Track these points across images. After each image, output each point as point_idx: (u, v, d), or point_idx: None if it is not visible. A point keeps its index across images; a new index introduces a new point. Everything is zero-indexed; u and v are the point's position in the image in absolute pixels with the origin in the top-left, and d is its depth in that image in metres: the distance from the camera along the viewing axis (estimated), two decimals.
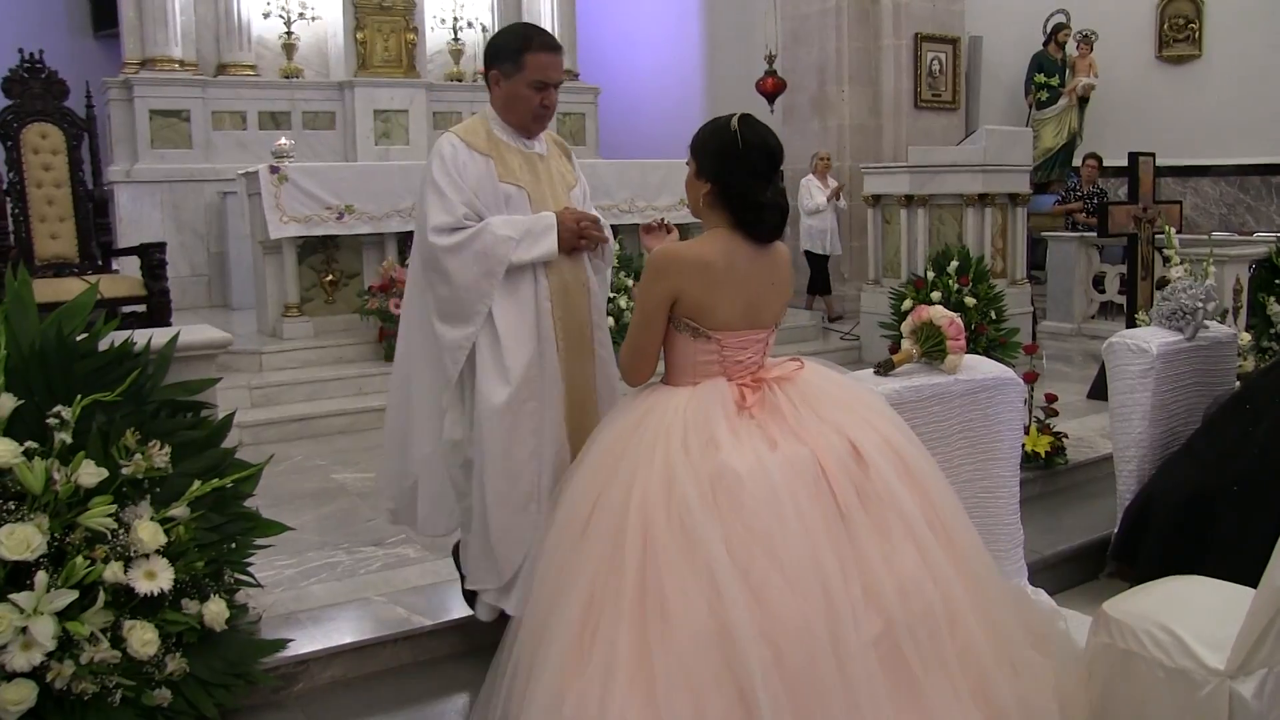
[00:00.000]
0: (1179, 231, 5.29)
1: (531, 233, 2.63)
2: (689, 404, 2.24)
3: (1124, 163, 6.07)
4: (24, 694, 2.25)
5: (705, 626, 1.96)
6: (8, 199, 5.49)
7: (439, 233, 2.60)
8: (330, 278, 6.37)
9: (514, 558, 2.65)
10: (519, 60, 2.67)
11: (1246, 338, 4.61)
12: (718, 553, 2.00)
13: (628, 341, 2.38)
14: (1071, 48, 10.20)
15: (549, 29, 10.03)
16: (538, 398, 2.66)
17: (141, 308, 5.56)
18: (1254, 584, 2.18)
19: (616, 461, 2.21)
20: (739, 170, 2.26)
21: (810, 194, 8.16)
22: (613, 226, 2.80)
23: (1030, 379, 4.29)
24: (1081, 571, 3.83)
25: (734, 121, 2.28)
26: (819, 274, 8.37)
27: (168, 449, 2.58)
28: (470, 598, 2.89)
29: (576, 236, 2.68)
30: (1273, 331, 5.78)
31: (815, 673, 1.95)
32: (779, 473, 2.11)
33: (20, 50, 5.58)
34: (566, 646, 2.02)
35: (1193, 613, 2.37)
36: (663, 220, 2.68)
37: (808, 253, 8.29)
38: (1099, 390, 5.36)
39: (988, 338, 5.66)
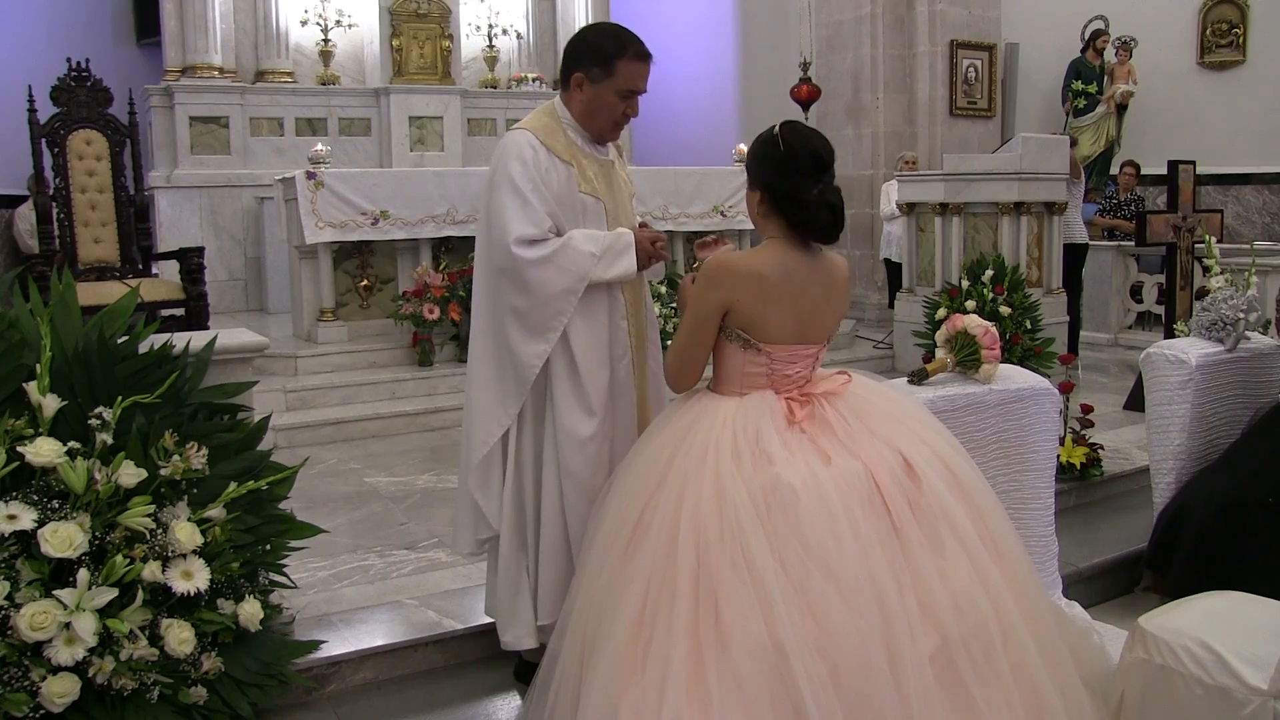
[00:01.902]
0: (1220, 241, 5.21)
1: (612, 249, 2.55)
2: (737, 414, 2.23)
3: (1163, 171, 5.99)
4: (68, 687, 2.29)
5: (760, 642, 1.94)
6: (54, 204, 5.60)
7: (523, 244, 2.48)
8: (365, 283, 6.42)
9: None
10: (610, 66, 2.55)
11: None
12: (772, 567, 1.99)
13: (676, 349, 2.36)
14: (1110, 54, 10.10)
15: None
16: (613, 422, 2.64)
17: (180, 311, 5.64)
18: None
19: (664, 471, 2.20)
20: (784, 173, 2.26)
21: (888, 199, 7.91)
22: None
23: (1066, 389, 4.25)
24: (1117, 585, 3.78)
25: (776, 126, 2.31)
26: (896, 281, 7.94)
27: (205, 451, 2.62)
28: (526, 670, 2.74)
29: (649, 257, 2.62)
30: None
31: (871, 689, 1.94)
32: (833, 487, 2.10)
33: (68, 60, 5.70)
34: (619, 657, 2.01)
35: (1233, 629, 2.33)
36: (717, 237, 2.62)
37: (885, 260, 8.16)
38: (1136, 401, 5.29)
39: (1023, 347, 5.61)
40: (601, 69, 2.55)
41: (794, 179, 2.25)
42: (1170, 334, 5.47)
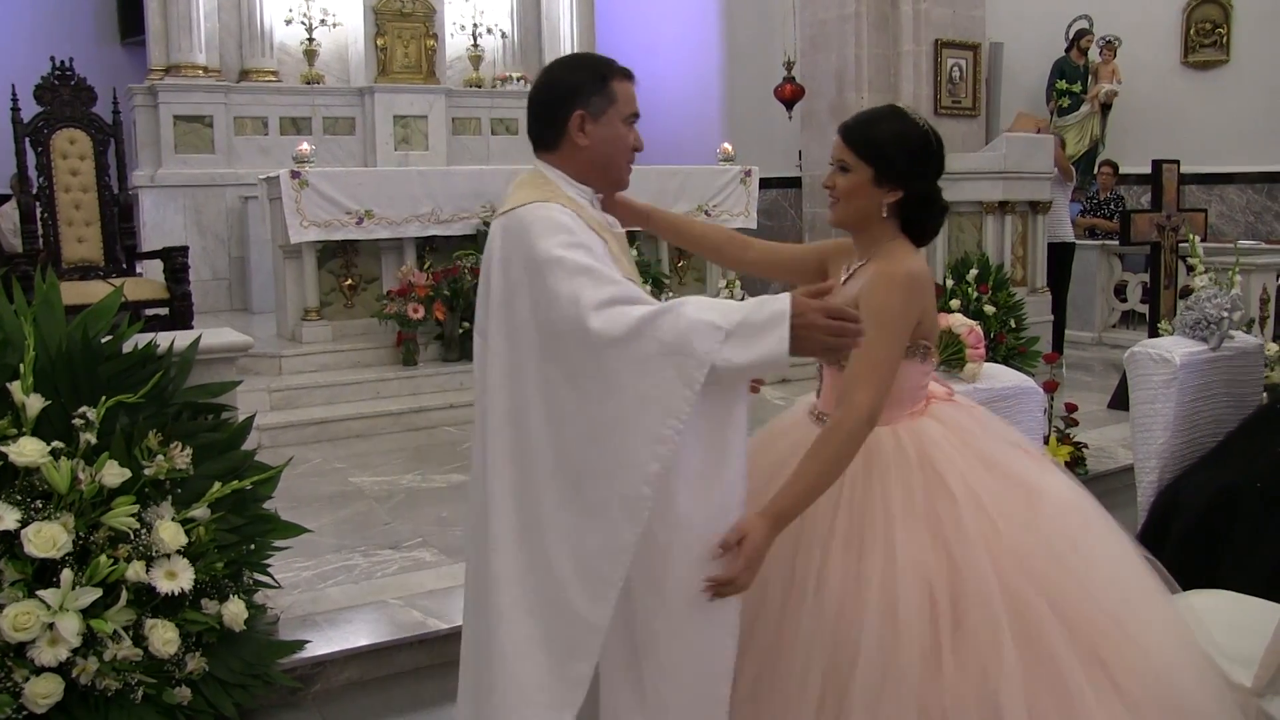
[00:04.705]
0: (1203, 240, 5.24)
1: (749, 324, 1.64)
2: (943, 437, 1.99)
3: (1147, 170, 6.02)
4: (51, 688, 2.28)
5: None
6: (37, 203, 5.56)
7: (604, 309, 1.68)
8: (349, 282, 6.41)
9: None
10: (608, 89, 1.95)
11: (1274, 348, 4.56)
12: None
13: (877, 380, 1.85)
14: (1094, 54, 10.14)
15: (568, 33, 10.25)
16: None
17: (164, 310, 5.62)
18: (1270, 583, 2.15)
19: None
20: (932, 174, 2.06)
21: None
22: (629, 234, 2.20)
23: (1050, 388, 4.28)
24: None
25: (922, 121, 2.06)
26: None
27: (189, 450, 2.62)
28: None
29: (828, 338, 1.66)
30: None
31: None
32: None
33: (52, 58, 5.67)
34: None
35: (1221, 629, 2.33)
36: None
37: None
38: (1120, 400, 5.32)
39: (1007, 346, 5.63)
40: (601, 95, 1.95)
41: (935, 180, 2.07)
42: (1154, 333, 5.50)
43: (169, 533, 2.48)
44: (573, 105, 1.94)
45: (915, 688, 1.72)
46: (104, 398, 2.50)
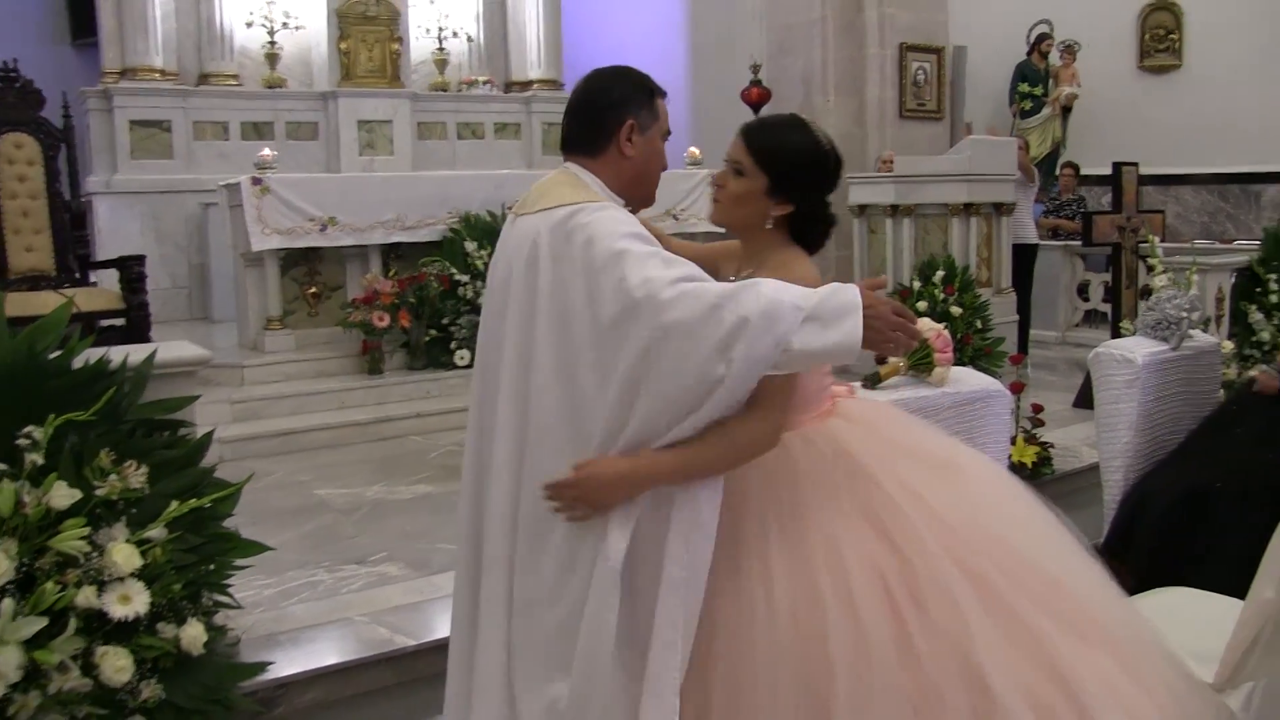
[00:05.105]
0: (1162, 240, 5.30)
1: (826, 308, 1.66)
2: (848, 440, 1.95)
3: (1107, 171, 6.09)
4: None
5: None
6: None
7: (678, 283, 1.68)
8: (313, 290, 6.31)
9: None
10: (654, 106, 1.97)
11: (1229, 346, 4.63)
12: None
13: (781, 404, 1.79)
14: (1055, 57, 10.25)
15: (534, 37, 10.20)
16: None
17: (121, 321, 5.51)
18: (1241, 580, 2.16)
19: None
20: (824, 191, 2.02)
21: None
22: None
23: (1017, 389, 4.29)
24: None
25: (825, 137, 2.01)
26: None
27: (144, 469, 2.53)
28: None
29: (892, 333, 1.71)
30: (1254, 339, 5.80)
31: None
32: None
33: None
34: None
35: (1182, 626, 2.35)
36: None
37: None
38: (1084, 399, 5.36)
39: (974, 347, 5.65)
40: (649, 111, 1.96)
41: (827, 195, 2.03)
42: (1117, 332, 5.55)
43: (122, 555, 2.40)
44: (624, 114, 1.93)
45: (897, 679, 1.71)
46: (52, 416, 2.42)
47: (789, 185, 1.95)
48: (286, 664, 2.84)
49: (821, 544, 1.80)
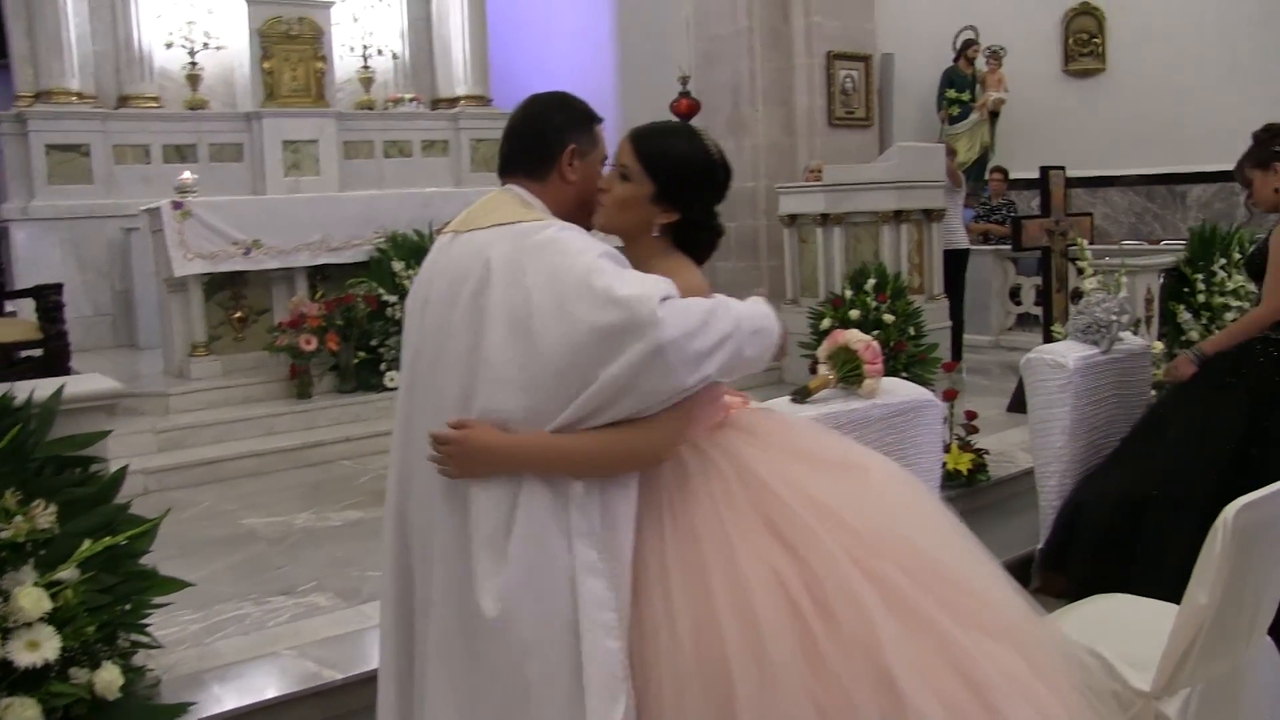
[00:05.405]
0: (1091, 243, 5.39)
1: (756, 316, 1.91)
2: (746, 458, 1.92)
3: (1034, 175, 6.17)
4: None
5: None
6: None
7: (667, 301, 1.73)
8: (239, 315, 6.17)
9: None
10: (591, 131, 2.01)
11: (1159, 347, 4.70)
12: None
13: (680, 419, 1.81)
14: (981, 63, 10.42)
15: (461, 53, 10.11)
16: None
17: (39, 352, 5.33)
18: (1178, 586, 2.17)
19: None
20: (712, 200, 2.00)
21: None
22: None
23: (950, 396, 4.31)
24: None
25: (715, 147, 1.99)
26: None
27: (54, 508, 2.42)
28: None
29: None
30: (1183, 339, 5.92)
31: None
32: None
33: None
34: None
35: (1118, 634, 2.37)
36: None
37: None
38: (1018, 403, 5.41)
39: (907, 354, 5.68)
40: (589, 137, 1.99)
41: (715, 204, 2.01)
42: (1049, 337, 5.61)
43: (29, 600, 2.29)
44: (566, 139, 1.95)
45: (802, 685, 1.68)
46: None
47: (676, 193, 1.93)
48: (210, 704, 2.74)
49: (719, 560, 1.77)
